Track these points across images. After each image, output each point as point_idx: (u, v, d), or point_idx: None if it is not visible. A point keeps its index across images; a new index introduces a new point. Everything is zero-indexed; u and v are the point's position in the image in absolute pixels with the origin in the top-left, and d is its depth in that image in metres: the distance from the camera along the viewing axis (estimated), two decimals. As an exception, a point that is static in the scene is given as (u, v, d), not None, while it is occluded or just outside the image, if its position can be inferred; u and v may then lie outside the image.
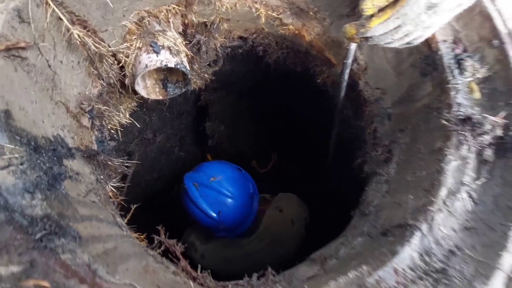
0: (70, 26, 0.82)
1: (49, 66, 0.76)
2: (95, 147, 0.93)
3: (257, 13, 1.36)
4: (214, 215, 1.53)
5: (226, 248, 1.70)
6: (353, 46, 1.11)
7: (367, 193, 0.96)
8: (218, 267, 1.76)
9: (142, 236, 0.94)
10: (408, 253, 0.68)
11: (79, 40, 0.84)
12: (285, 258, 1.81)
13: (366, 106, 1.16)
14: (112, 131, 1.42)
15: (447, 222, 0.70)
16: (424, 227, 0.69)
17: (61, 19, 0.83)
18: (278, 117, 2.53)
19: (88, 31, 0.88)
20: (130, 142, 2.36)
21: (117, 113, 1.40)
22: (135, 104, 1.55)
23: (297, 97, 2.20)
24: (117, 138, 1.22)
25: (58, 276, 0.45)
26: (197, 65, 1.76)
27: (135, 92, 1.24)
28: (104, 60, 0.98)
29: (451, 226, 0.70)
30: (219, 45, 1.75)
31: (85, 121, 0.91)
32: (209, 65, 1.93)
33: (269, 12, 1.34)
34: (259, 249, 1.71)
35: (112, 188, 0.92)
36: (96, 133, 0.97)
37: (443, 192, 0.73)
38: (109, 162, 0.90)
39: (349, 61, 1.12)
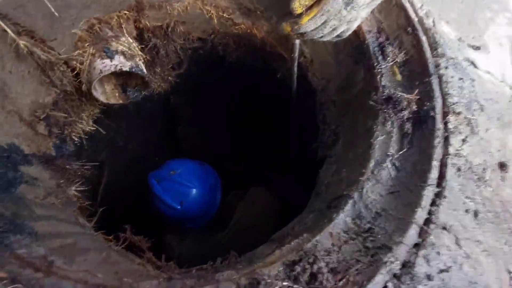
0: (15, 37, 0.83)
1: (-4, 77, 0.77)
2: (53, 152, 0.94)
3: (209, 15, 1.41)
4: (178, 206, 1.59)
5: (202, 245, 1.75)
6: (298, 41, 1.19)
7: (320, 174, 1.04)
8: (196, 264, 1.79)
9: (109, 238, 0.96)
10: (342, 219, 0.76)
11: (26, 50, 0.85)
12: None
13: (315, 95, 1.24)
14: (76, 139, 1.42)
15: (374, 189, 0.79)
16: (356, 195, 0.77)
17: (5, 31, 0.84)
18: (248, 115, 2.60)
19: (35, 40, 0.89)
20: (101, 151, 2.34)
21: (79, 120, 1.40)
22: (98, 111, 1.55)
23: (263, 94, 2.28)
24: (78, 143, 1.22)
25: (13, 266, 0.48)
26: (159, 68, 1.78)
27: (96, 99, 1.25)
28: (56, 68, 0.99)
29: (378, 192, 0.79)
30: (179, 47, 1.78)
31: (41, 129, 0.92)
32: (172, 68, 1.96)
33: (220, 13, 1.39)
34: (235, 242, 1.76)
35: (75, 193, 0.94)
36: (54, 140, 0.98)
37: (371, 164, 0.82)
38: (68, 166, 0.91)
39: (296, 55, 1.20)
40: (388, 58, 0.97)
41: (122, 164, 2.60)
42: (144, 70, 1.29)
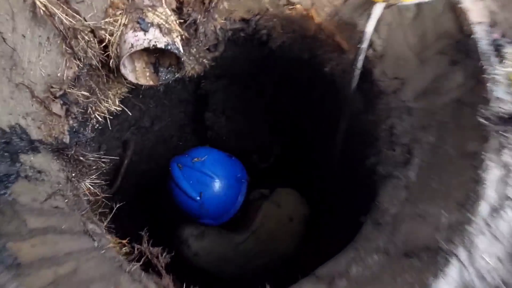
0: (32, -9, 0.66)
1: (4, 40, 0.61)
2: (67, 139, 0.78)
3: (262, -11, 1.18)
4: (197, 197, 1.41)
5: (221, 246, 1.58)
6: (369, 28, 0.94)
7: (382, 199, 0.81)
8: (211, 266, 1.64)
9: (124, 241, 0.81)
10: (442, 290, 0.52)
11: (45, 10, 0.68)
12: (283, 257, 1.69)
13: (380, 98, 0.99)
14: (100, 119, 1.28)
15: (491, 248, 0.55)
16: (462, 254, 0.53)
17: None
18: (282, 109, 2.37)
19: (58, 0, 0.72)
20: (126, 131, 2.22)
21: (104, 99, 1.25)
22: (126, 90, 1.39)
23: (303, 88, 2.03)
24: (98, 128, 1.07)
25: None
26: (194, 49, 1.58)
27: (124, 77, 1.09)
28: (80, 37, 0.82)
29: (496, 255, 0.55)
30: (219, 27, 1.57)
31: (56, 108, 0.76)
32: (208, 49, 1.75)
33: (275, -11, 1.16)
34: (255, 247, 1.59)
35: (90, 186, 0.79)
36: (71, 122, 0.82)
37: (483, 208, 0.57)
38: (82, 158, 0.75)
39: (365, 45, 0.95)
40: (506, 62, 0.70)
41: (146, 145, 2.49)
42: (181, 49, 1.09)
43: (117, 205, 0.87)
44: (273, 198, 1.67)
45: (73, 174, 0.73)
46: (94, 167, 0.84)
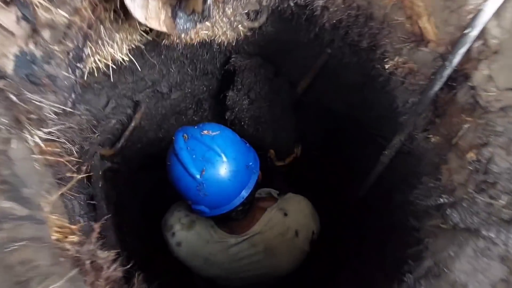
0: None
1: None
2: (8, 66, 0.52)
3: None
4: (197, 175, 1.11)
5: (208, 243, 1.33)
6: (489, 8, 0.61)
7: (451, 265, 0.50)
8: (194, 263, 1.40)
9: (73, 227, 0.56)
10: None
11: None
12: (278, 276, 1.42)
13: (471, 115, 0.66)
14: (101, 66, 1.04)
15: None
16: None
17: None
18: (316, 106, 2.04)
19: None
20: (140, 91, 2.00)
21: (108, 41, 1.00)
22: (139, 38, 1.14)
23: (350, 85, 1.69)
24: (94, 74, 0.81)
25: None
26: (231, 9, 1.30)
27: (129, 11, 0.83)
28: None
29: None
30: (265, -10, 1.27)
31: (9, 20, 0.50)
32: (247, 15, 1.46)
33: None
34: (247, 256, 1.32)
35: (39, 142, 0.54)
36: (31, 47, 0.55)
37: None
38: (16, 99, 0.49)
39: (475, 32, 0.62)
40: None
41: (159, 112, 2.27)
42: (210, -8, 0.82)
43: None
44: (281, 203, 1.38)
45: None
46: (41, 113, 0.59)
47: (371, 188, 1.30)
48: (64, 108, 0.70)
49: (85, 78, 0.92)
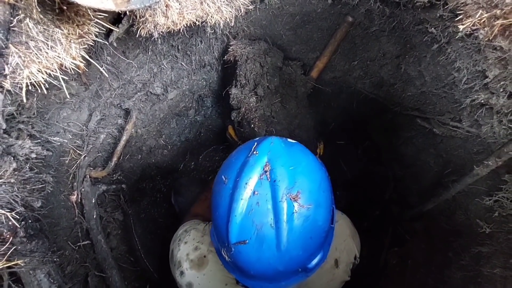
0: None
1: None
2: None
3: None
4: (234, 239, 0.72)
5: (227, 287, 1.02)
6: None
7: None
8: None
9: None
10: None
11: None
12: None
13: None
14: (42, 80, 0.71)
15: None
16: None
17: None
18: (338, 89, 1.67)
19: None
20: (130, 97, 1.67)
21: (46, 42, 0.66)
22: (97, 30, 0.78)
23: (378, 59, 1.31)
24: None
25: None
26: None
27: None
28: None
29: None
30: None
31: None
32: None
33: None
34: None
35: None
36: None
37: None
38: None
39: None
40: None
41: (156, 117, 1.95)
42: None
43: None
44: None
45: None
46: None
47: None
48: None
49: (24, 99, 0.60)
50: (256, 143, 0.81)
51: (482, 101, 0.83)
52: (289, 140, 0.84)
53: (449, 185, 1.02)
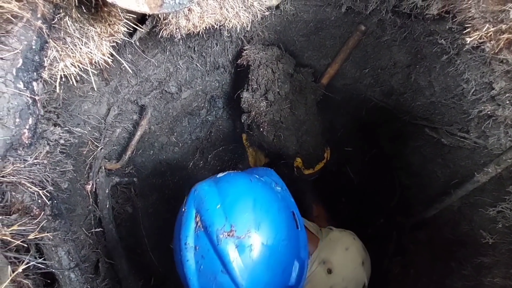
0: None
1: None
2: None
3: None
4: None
5: None
6: None
7: None
8: None
9: None
10: None
11: None
12: None
13: None
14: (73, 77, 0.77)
15: None
16: None
17: None
18: (348, 96, 1.70)
19: None
20: (146, 94, 1.75)
21: (81, 38, 0.73)
22: (125, 29, 0.86)
23: (389, 68, 1.34)
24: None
25: None
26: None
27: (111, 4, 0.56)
28: None
29: None
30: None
31: None
32: (262, -9, 1.15)
33: None
34: None
35: None
36: None
37: None
38: None
39: None
40: None
41: (170, 114, 2.03)
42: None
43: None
44: (324, 250, 0.97)
45: None
46: None
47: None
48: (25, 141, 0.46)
49: (58, 90, 0.67)
50: (185, 199, 0.79)
51: (489, 112, 0.85)
52: (218, 175, 0.81)
53: (451, 191, 1.04)
